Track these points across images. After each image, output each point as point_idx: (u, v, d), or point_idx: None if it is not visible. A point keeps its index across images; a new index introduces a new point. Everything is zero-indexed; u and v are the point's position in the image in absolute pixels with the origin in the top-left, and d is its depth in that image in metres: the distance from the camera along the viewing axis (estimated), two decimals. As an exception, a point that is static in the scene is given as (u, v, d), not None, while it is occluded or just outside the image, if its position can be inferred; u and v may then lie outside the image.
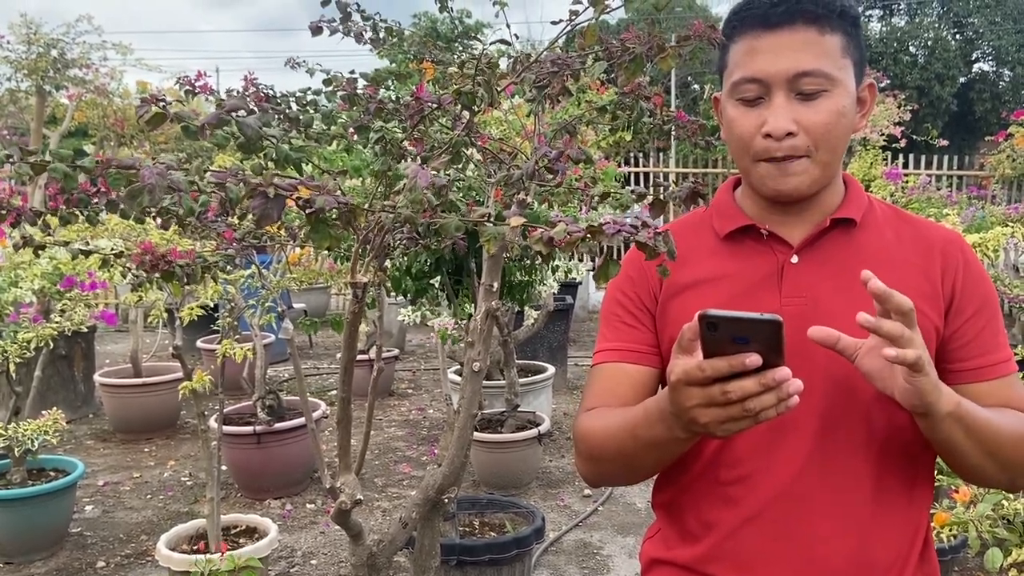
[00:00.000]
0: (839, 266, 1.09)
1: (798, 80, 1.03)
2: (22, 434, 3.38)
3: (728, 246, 1.15)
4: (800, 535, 1.06)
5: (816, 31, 1.04)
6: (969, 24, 21.30)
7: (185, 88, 1.53)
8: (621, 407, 1.10)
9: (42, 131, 8.13)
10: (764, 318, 0.82)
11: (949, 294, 1.09)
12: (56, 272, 3.74)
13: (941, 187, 8.12)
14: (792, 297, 1.09)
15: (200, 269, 1.73)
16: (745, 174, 1.12)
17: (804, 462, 1.06)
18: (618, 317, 1.20)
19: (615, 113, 1.94)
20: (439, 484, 2.12)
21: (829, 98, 1.04)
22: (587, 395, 1.21)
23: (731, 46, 1.10)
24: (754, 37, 1.06)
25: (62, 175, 1.10)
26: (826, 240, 1.11)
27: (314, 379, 6.96)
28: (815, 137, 1.04)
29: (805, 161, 1.05)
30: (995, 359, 1.09)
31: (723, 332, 0.83)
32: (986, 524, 2.25)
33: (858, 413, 1.06)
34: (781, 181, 1.06)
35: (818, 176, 1.07)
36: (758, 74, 1.05)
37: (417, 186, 1.07)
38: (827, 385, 1.06)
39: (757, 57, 1.05)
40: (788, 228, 1.12)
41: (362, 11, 1.92)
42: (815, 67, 1.03)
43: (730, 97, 1.09)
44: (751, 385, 0.83)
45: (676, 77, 19.23)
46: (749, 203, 1.16)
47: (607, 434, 1.09)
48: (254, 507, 4.14)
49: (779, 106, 1.04)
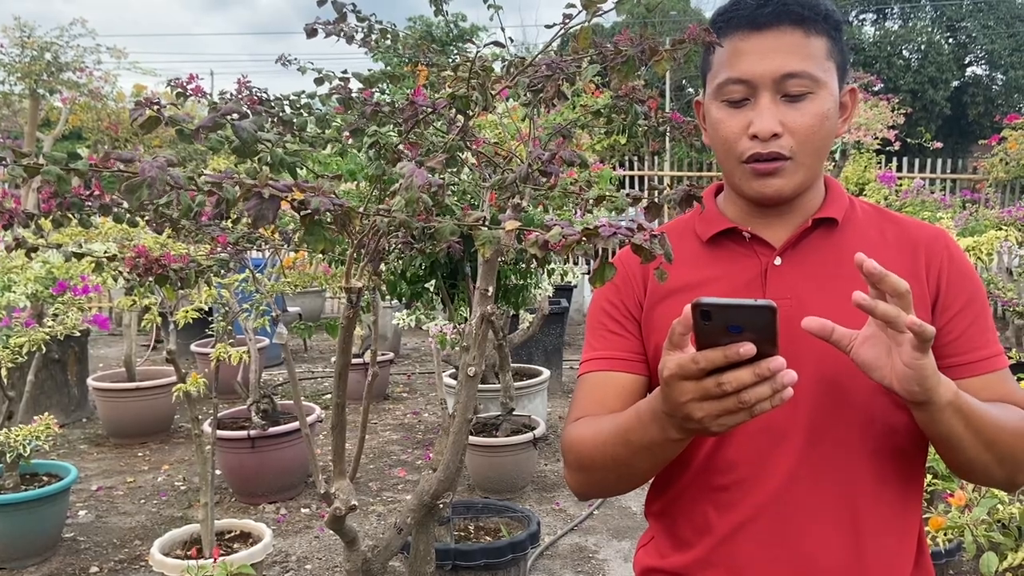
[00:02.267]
0: (822, 266, 1.10)
1: (785, 81, 1.03)
2: (14, 439, 3.36)
3: (711, 250, 1.15)
4: (793, 540, 1.06)
5: (802, 33, 1.04)
6: (962, 28, 21.39)
7: (177, 91, 1.53)
8: (610, 415, 1.09)
9: (36, 134, 8.10)
10: (759, 304, 0.81)
11: (935, 290, 1.09)
12: (49, 276, 3.73)
13: (935, 190, 8.14)
14: (776, 299, 1.06)
15: (194, 273, 1.72)
16: (729, 176, 1.12)
17: (796, 466, 1.05)
18: (604, 326, 1.20)
19: (610, 117, 1.94)
20: (434, 489, 2.11)
21: (814, 101, 1.04)
22: (574, 406, 1.20)
23: (716, 47, 1.10)
24: (740, 39, 1.06)
25: (55, 177, 1.09)
26: (808, 241, 1.11)
27: (309, 383, 6.95)
28: (800, 139, 1.05)
29: (789, 164, 1.05)
30: (986, 353, 1.08)
31: (717, 321, 0.82)
32: (981, 528, 2.25)
33: (849, 416, 1.05)
34: (764, 183, 1.07)
35: (801, 179, 1.07)
36: (744, 75, 1.05)
37: (413, 186, 1.06)
38: (817, 388, 1.05)
39: (743, 58, 1.05)
40: (770, 230, 1.12)
41: (358, 12, 1.91)
42: (801, 68, 1.03)
43: (715, 99, 1.09)
44: (746, 376, 0.82)
45: (671, 81, 19.27)
46: (732, 207, 1.16)
47: (597, 442, 1.07)
48: (248, 512, 4.12)
49: (765, 107, 1.04)
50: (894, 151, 7.20)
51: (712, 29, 1.11)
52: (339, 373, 1.64)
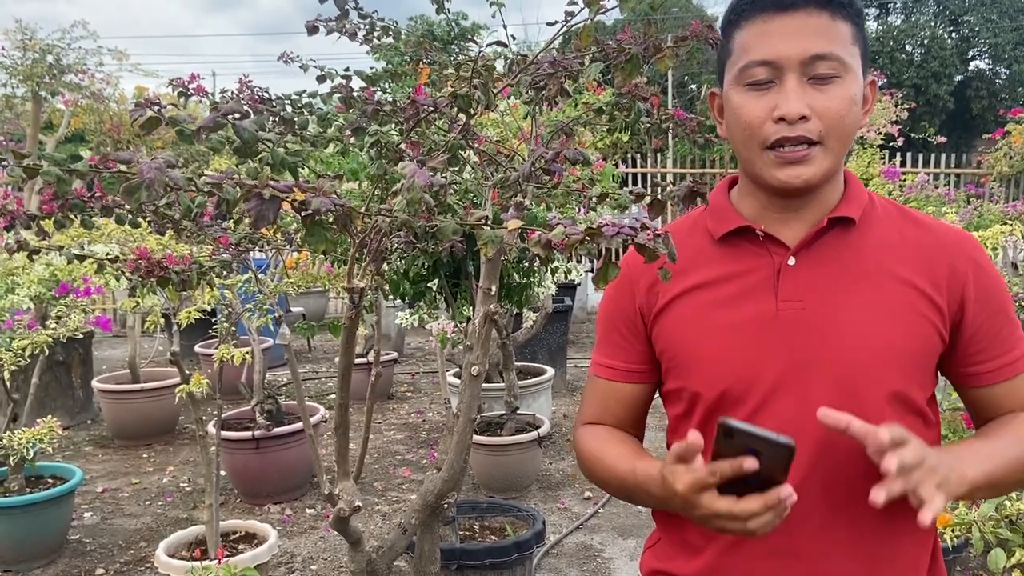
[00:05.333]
0: (837, 267, 1.06)
1: (813, 63, 1.00)
2: (17, 442, 3.36)
3: (723, 248, 1.12)
4: (802, 551, 1.04)
5: (828, 16, 1.01)
6: (965, 22, 21.33)
7: (179, 90, 1.52)
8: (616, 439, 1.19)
9: (38, 137, 8.10)
10: (780, 441, 0.87)
11: (958, 300, 1.06)
12: (52, 278, 3.73)
13: (939, 185, 8.11)
14: (789, 300, 1.05)
15: (196, 274, 1.71)
16: (748, 165, 1.07)
17: (804, 476, 1.02)
18: (610, 329, 1.21)
19: (612, 114, 1.93)
20: (439, 489, 2.11)
21: (842, 84, 1.01)
22: (584, 404, 1.26)
23: (737, 32, 1.05)
24: (765, 20, 1.02)
25: (55, 179, 1.08)
26: (824, 240, 1.07)
27: (313, 383, 6.95)
28: (828, 123, 1.00)
29: (816, 149, 1.01)
30: (1010, 359, 1.06)
31: (737, 441, 0.89)
32: (989, 525, 2.24)
33: (859, 417, 1.01)
34: (791, 173, 1.02)
35: (828, 167, 1.03)
36: (770, 56, 1.01)
37: (415, 186, 1.05)
38: (828, 396, 1.02)
39: (769, 39, 1.01)
40: (785, 228, 1.08)
41: (360, 9, 1.90)
42: (830, 50, 1.00)
43: (736, 83, 1.04)
44: (756, 505, 0.90)
45: (673, 77, 19.24)
46: (747, 200, 1.12)
47: (605, 476, 1.16)
48: (253, 512, 4.12)
49: (792, 89, 1.00)
50: (898, 146, 7.18)
51: (732, 14, 1.07)
52: (342, 374, 1.63)
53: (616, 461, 1.13)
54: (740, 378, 1.05)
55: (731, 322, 1.07)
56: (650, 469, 1.04)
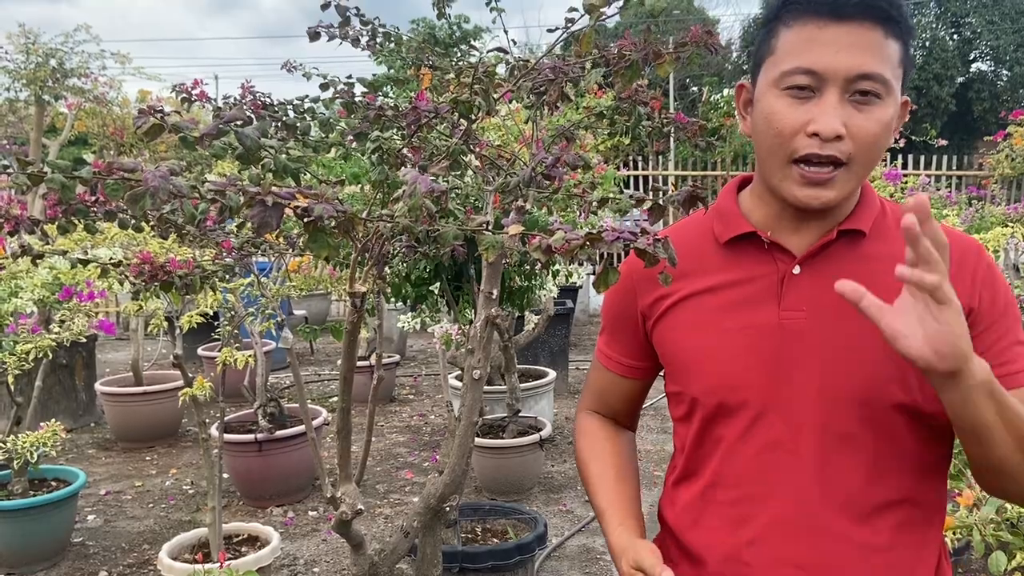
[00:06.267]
0: (842, 278, 1.02)
1: (858, 81, 0.95)
2: (21, 446, 3.38)
3: (728, 253, 1.09)
4: (805, 560, 1.02)
5: (882, 33, 0.96)
6: (967, 24, 21.30)
7: (182, 96, 1.53)
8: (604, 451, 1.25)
9: (41, 141, 8.13)
10: None
11: (966, 311, 1.00)
12: (56, 282, 3.74)
13: (940, 187, 8.11)
14: (792, 310, 1.04)
15: (199, 279, 1.72)
16: (768, 173, 1.03)
17: (805, 483, 1.01)
18: (614, 323, 1.24)
19: (612, 119, 1.93)
20: (441, 492, 2.11)
21: (882, 107, 0.97)
22: (586, 387, 1.33)
23: (783, 30, 0.99)
24: (817, 26, 0.96)
25: (59, 185, 1.09)
26: (831, 251, 1.04)
27: (315, 385, 6.96)
28: (860, 146, 0.97)
29: (842, 172, 0.98)
30: (1020, 366, 1.02)
31: None
32: (990, 528, 2.24)
33: (861, 430, 1.01)
34: (813, 195, 0.99)
35: (850, 190, 1.00)
36: (816, 66, 0.95)
37: (417, 192, 1.06)
38: (825, 405, 1.01)
39: (817, 48, 0.96)
40: (794, 236, 1.06)
41: (361, 15, 1.91)
42: (878, 71, 0.95)
43: (774, 85, 0.99)
44: None
45: (674, 80, 19.23)
46: (758, 204, 1.09)
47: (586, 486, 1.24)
48: (256, 515, 4.13)
49: (831, 105, 0.95)
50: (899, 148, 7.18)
51: (780, 8, 1.01)
52: (344, 377, 1.64)
53: (597, 482, 1.23)
54: (738, 388, 1.05)
55: (732, 329, 1.06)
56: (615, 526, 1.15)
